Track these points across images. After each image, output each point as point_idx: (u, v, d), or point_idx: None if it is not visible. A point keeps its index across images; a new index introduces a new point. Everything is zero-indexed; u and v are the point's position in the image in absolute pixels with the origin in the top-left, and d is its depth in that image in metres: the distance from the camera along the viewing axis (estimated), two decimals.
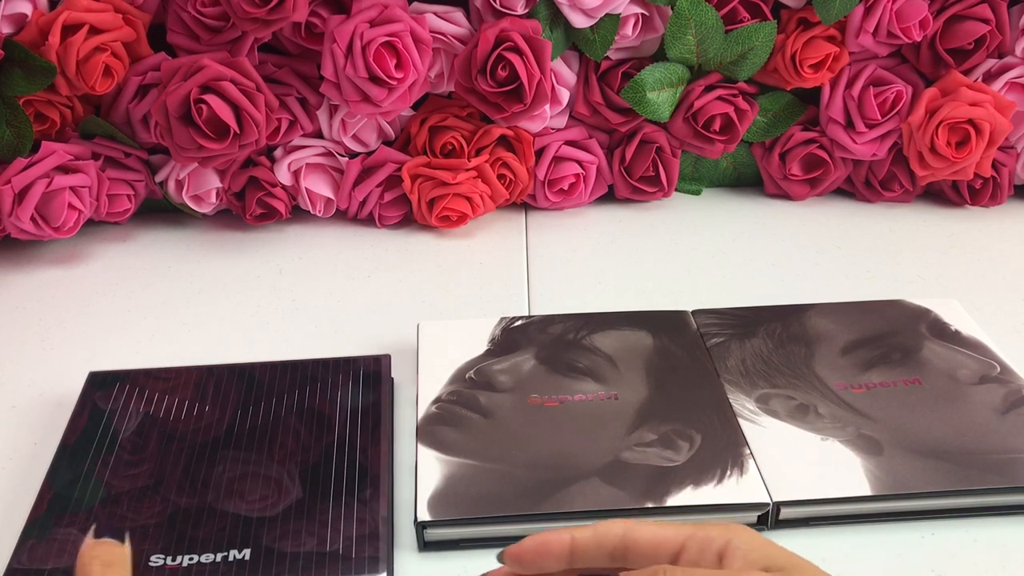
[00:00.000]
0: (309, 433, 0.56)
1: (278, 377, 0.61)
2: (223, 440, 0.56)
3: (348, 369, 0.62)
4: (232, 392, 0.60)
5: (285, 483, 0.53)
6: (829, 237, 0.86)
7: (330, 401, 0.59)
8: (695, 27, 0.81)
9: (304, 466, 0.54)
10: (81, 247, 0.85)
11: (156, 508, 0.51)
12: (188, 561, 0.48)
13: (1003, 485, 0.52)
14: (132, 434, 0.57)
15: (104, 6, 0.75)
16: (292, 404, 0.59)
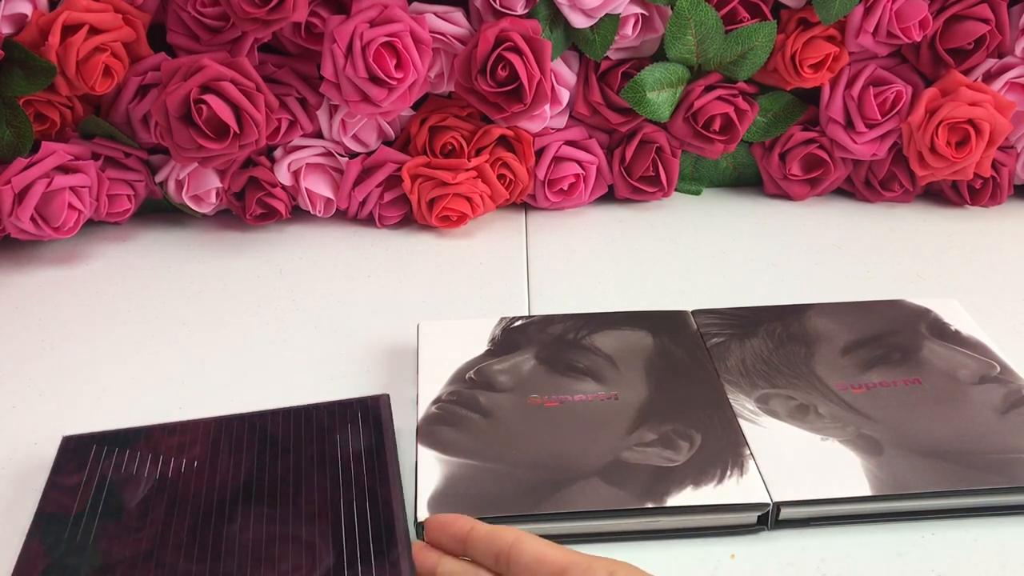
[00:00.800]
0: (323, 487, 0.52)
1: (280, 424, 0.57)
2: (229, 500, 0.52)
3: (347, 412, 0.58)
4: (235, 444, 0.56)
5: (313, 544, 0.48)
6: (829, 237, 0.86)
7: (341, 448, 0.55)
8: (695, 27, 0.81)
9: (326, 524, 0.50)
10: (81, 247, 0.85)
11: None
12: None
13: (1003, 485, 0.52)
14: (131, 501, 0.52)
15: (104, 6, 0.75)
16: (301, 455, 0.55)
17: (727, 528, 0.52)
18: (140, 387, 0.66)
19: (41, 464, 0.58)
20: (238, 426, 0.57)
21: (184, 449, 0.56)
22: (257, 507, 0.51)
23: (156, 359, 0.69)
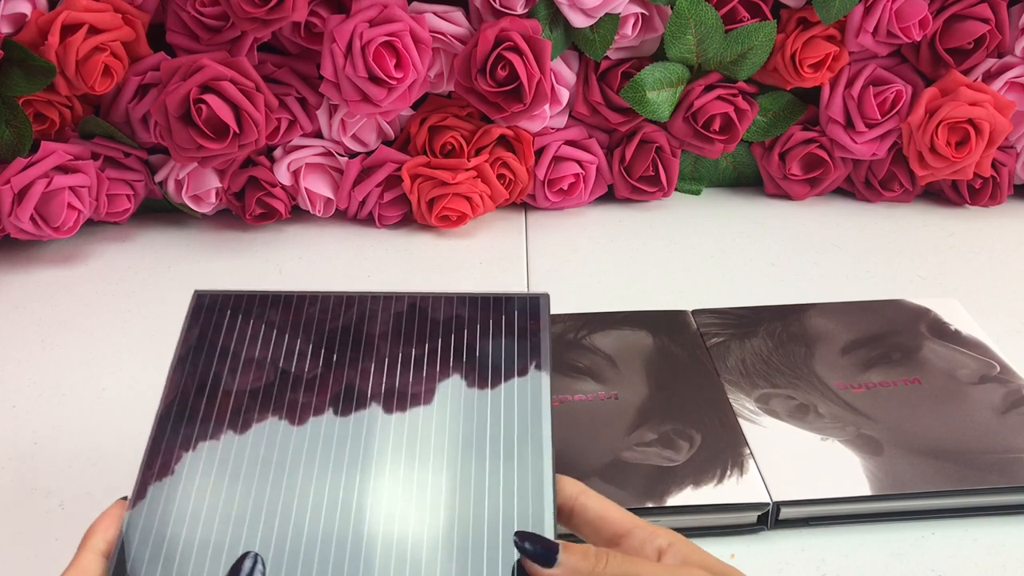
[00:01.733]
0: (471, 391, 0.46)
1: (430, 312, 0.51)
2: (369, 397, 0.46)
3: (501, 310, 0.51)
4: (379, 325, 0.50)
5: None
6: (829, 237, 0.86)
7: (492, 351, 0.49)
8: (695, 27, 0.81)
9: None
10: (81, 247, 0.85)
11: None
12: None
13: (1003, 485, 0.52)
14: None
15: (103, 6, 0.75)
16: (449, 352, 0.49)
17: (727, 528, 0.52)
18: (140, 387, 0.66)
19: (41, 464, 0.58)
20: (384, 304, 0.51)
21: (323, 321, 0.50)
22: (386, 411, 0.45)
23: (156, 359, 0.69)
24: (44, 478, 0.57)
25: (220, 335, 0.50)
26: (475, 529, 0.41)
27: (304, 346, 0.49)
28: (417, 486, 0.42)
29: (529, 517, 0.41)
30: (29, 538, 0.53)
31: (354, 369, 0.47)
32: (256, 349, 0.49)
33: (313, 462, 0.43)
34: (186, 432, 0.45)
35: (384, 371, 0.47)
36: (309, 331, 0.49)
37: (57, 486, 0.57)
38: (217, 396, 0.47)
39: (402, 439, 0.44)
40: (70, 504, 0.55)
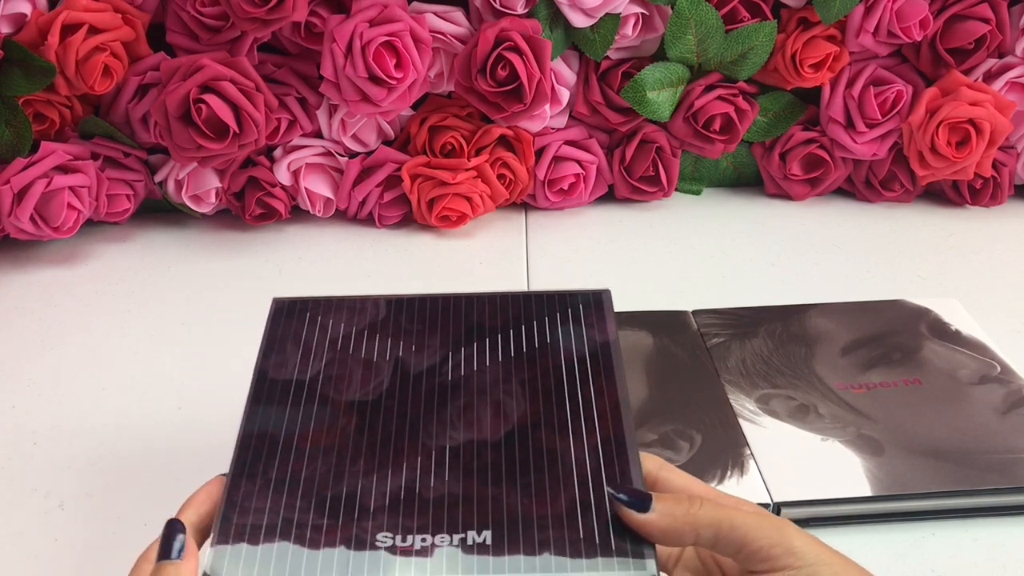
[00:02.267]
0: (536, 387, 0.47)
1: (497, 313, 0.52)
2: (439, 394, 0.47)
3: (566, 306, 0.52)
4: (439, 330, 0.51)
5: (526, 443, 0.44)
6: (829, 237, 0.86)
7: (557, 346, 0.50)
8: (695, 27, 0.81)
9: (539, 427, 0.45)
10: (80, 247, 0.85)
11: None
12: (420, 543, 0.40)
13: (1003, 485, 0.52)
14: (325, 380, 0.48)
15: (103, 6, 0.75)
16: (510, 349, 0.50)
17: None
18: (140, 387, 0.66)
19: (41, 464, 0.58)
20: (443, 305, 0.53)
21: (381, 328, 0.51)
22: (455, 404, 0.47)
23: (156, 359, 0.69)
24: (44, 478, 0.57)
25: (300, 336, 0.51)
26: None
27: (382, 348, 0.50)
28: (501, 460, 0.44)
29: (615, 461, 0.42)
30: (29, 538, 0.53)
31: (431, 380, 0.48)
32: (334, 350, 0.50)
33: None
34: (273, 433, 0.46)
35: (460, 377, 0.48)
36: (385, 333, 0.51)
37: (57, 486, 0.57)
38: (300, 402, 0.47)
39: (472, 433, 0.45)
40: (70, 504, 0.55)
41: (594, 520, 0.40)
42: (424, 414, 0.46)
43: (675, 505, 0.39)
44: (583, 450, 0.43)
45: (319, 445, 0.45)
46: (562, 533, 0.40)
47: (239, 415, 0.62)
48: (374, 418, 0.46)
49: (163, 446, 0.60)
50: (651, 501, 0.39)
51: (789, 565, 0.36)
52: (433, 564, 0.39)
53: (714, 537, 0.38)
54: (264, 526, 0.41)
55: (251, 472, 0.44)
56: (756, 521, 0.37)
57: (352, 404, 0.47)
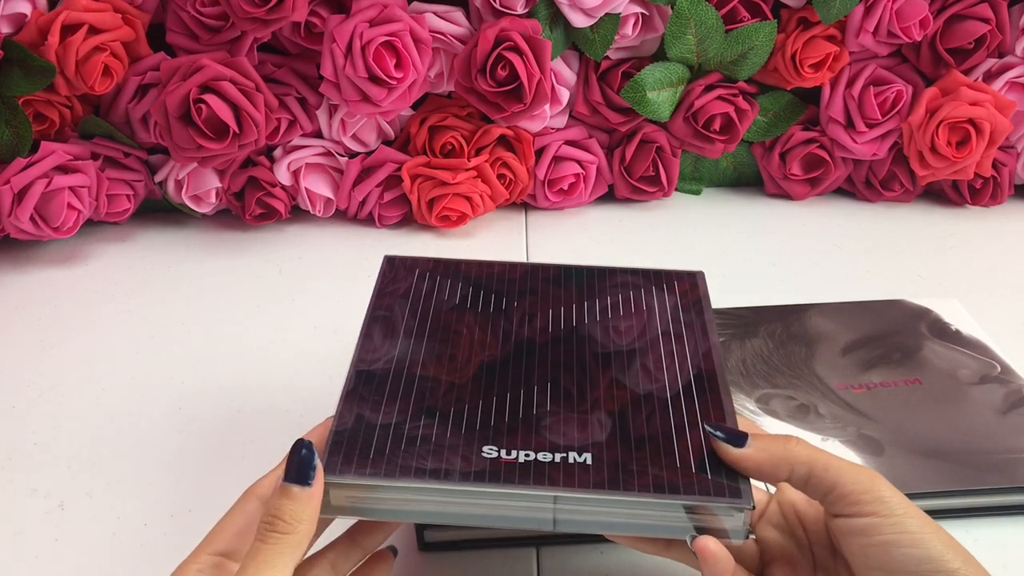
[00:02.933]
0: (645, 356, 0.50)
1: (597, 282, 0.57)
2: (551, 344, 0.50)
3: (663, 282, 0.57)
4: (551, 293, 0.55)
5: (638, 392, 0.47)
6: (829, 237, 0.86)
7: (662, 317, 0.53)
8: (695, 27, 0.81)
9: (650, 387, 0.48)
10: (80, 247, 0.85)
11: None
12: (524, 457, 0.42)
13: (1004, 485, 0.52)
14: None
15: (103, 6, 0.75)
16: (619, 308, 0.54)
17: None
18: (140, 387, 0.66)
19: (41, 464, 0.58)
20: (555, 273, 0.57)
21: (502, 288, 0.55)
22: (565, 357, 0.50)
23: (156, 359, 0.69)
24: (44, 478, 0.57)
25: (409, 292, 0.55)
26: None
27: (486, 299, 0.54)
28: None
29: (709, 402, 0.46)
30: (29, 538, 0.53)
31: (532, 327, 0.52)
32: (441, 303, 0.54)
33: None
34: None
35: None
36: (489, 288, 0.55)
37: (57, 486, 0.57)
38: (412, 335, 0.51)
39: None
40: (70, 504, 0.55)
41: (690, 453, 0.42)
42: (531, 357, 0.49)
43: (771, 442, 0.40)
44: (679, 394, 0.46)
45: (429, 372, 0.48)
46: (659, 462, 0.42)
47: (239, 415, 0.63)
48: (484, 357, 0.49)
49: (163, 446, 0.60)
50: (747, 438, 0.41)
51: (876, 512, 0.38)
52: (535, 477, 0.41)
53: (807, 475, 0.39)
54: (375, 438, 0.43)
55: (363, 393, 0.46)
56: (849, 467, 0.39)
57: (461, 343, 0.50)
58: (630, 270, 0.58)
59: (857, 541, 0.38)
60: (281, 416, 0.63)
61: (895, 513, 0.37)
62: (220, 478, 0.57)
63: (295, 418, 0.62)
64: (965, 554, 0.37)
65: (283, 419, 0.62)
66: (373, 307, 0.53)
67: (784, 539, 0.44)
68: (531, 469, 0.41)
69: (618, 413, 0.45)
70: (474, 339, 0.50)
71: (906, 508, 0.38)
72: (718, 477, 0.41)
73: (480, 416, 0.45)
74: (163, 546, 0.52)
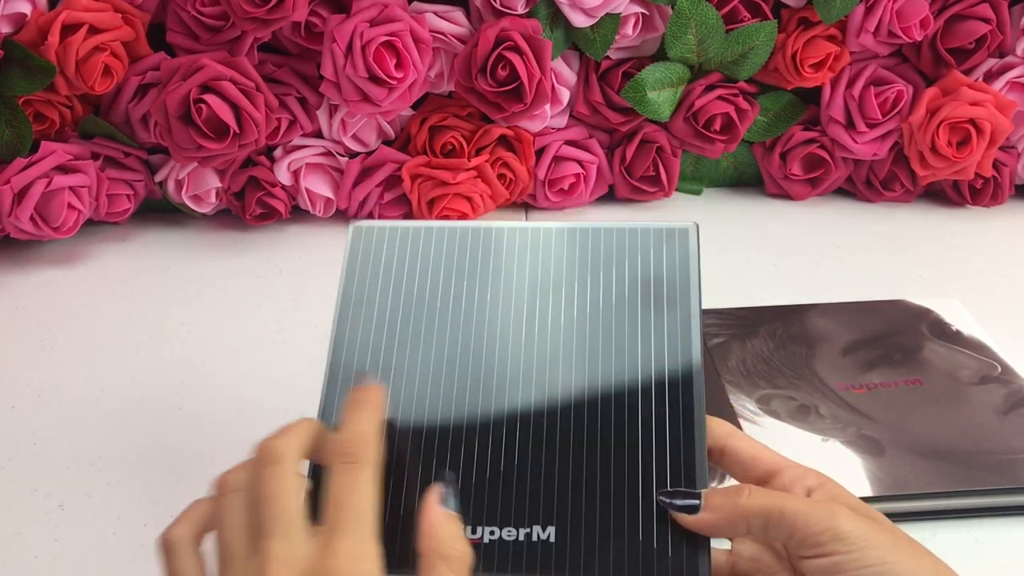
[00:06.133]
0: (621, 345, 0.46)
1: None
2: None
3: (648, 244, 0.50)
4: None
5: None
6: (830, 237, 0.86)
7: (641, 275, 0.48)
8: (695, 26, 0.81)
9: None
10: (80, 247, 0.85)
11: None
12: (489, 536, 0.41)
13: (1004, 486, 0.52)
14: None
15: (103, 6, 0.75)
16: (586, 302, 0.48)
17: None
18: (140, 387, 0.66)
19: (41, 465, 0.58)
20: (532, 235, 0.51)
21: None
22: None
23: (156, 359, 0.69)
24: (44, 479, 0.57)
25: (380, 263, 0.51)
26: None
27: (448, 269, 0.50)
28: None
29: (681, 460, 0.42)
30: (29, 538, 0.53)
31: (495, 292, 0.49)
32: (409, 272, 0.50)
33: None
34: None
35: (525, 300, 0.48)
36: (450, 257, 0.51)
37: (56, 487, 0.56)
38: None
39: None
40: (69, 505, 0.55)
41: (653, 517, 0.41)
42: (498, 373, 0.46)
43: (723, 500, 0.39)
44: (650, 436, 0.44)
45: (397, 417, 0.46)
46: (622, 531, 0.41)
47: (239, 415, 0.63)
48: (452, 389, 0.46)
49: (163, 446, 0.60)
50: (700, 502, 0.40)
51: (836, 551, 0.37)
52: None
53: (764, 526, 0.39)
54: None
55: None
56: (805, 508, 0.38)
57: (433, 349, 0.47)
58: (611, 232, 0.50)
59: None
60: (281, 416, 0.62)
61: (855, 548, 0.37)
62: None
63: (295, 418, 0.62)
64: (934, 568, 0.37)
65: (283, 419, 0.62)
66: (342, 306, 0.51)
67: (761, 552, 0.44)
68: (495, 550, 0.41)
69: (585, 462, 0.43)
70: (444, 353, 0.47)
71: (866, 539, 0.37)
72: (678, 550, 0.40)
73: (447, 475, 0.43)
74: None
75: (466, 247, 0.51)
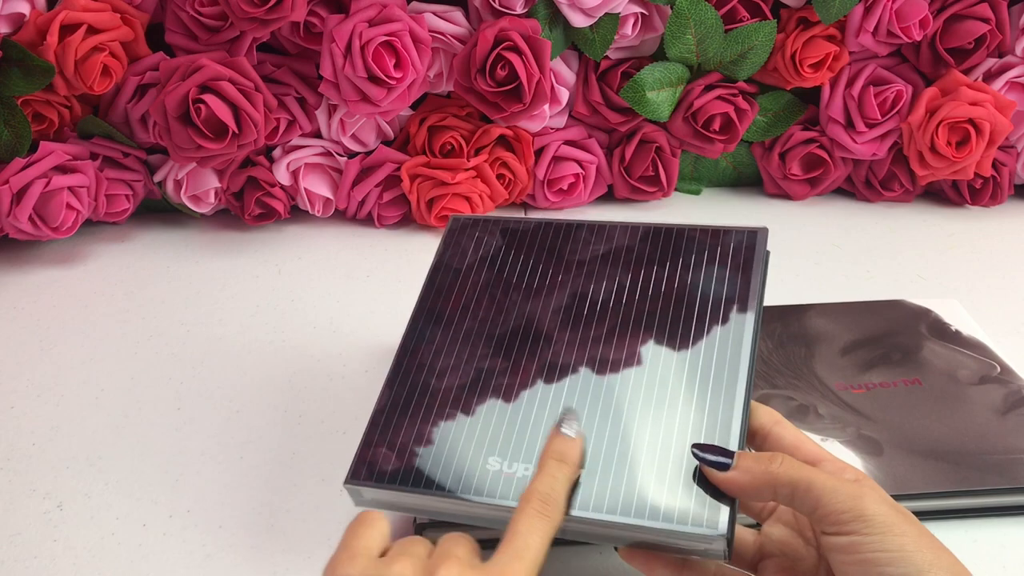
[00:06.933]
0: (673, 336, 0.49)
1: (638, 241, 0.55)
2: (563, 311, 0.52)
3: (717, 245, 0.53)
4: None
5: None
6: (829, 237, 0.85)
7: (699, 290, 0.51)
8: (695, 26, 0.81)
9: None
10: (79, 247, 0.84)
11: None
12: (523, 471, 0.45)
13: (1003, 486, 0.52)
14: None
15: (102, 6, 0.75)
16: (649, 287, 0.52)
17: None
18: (139, 387, 0.66)
19: (40, 465, 0.58)
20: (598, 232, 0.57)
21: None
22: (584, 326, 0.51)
23: (155, 359, 0.69)
24: (42, 479, 0.57)
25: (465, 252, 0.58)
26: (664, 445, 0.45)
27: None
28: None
29: (716, 433, 0.44)
30: (28, 539, 0.53)
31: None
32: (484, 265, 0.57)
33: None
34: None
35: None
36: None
37: (55, 487, 0.56)
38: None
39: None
40: (68, 505, 0.55)
41: (681, 470, 0.43)
42: (554, 345, 0.50)
43: (755, 463, 0.41)
44: (690, 405, 0.46)
45: (446, 374, 0.51)
46: (650, 478, 0.43)
47: (238, 415, 0.63)
48: (507, 353, 0.51)
49: (162, 446, 0.60)
50: (732, 461, 0.41)
51: (857, 531, 0.38)
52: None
53: (791, 495, 0.40)
54: (398, 443, 0.48)
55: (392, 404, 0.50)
56: (833, 485, 0.39)
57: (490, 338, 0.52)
58: (682, 233, 0.55)
59: (840, 558, 0.38)
60: (280, 416, 0.62)
61: (876, 532, 0.37)
62: (219, 479, 0.57)
63: (294, 418, 0.62)
64: (952, 567, 0.37)
65: (282, 419, 0.62)
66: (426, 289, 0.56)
67: (790, 536, 0.44)
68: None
69: (625, 413, 0.46)
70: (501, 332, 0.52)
71: (889, 524, 0.38)
72: (701, 500, 0.42)
73: (493, 423, 0.48)
74: (162, 547, 0.52)
75: (546, 238, 0.57)
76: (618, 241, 0.55)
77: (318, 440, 0.60)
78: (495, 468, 0.45)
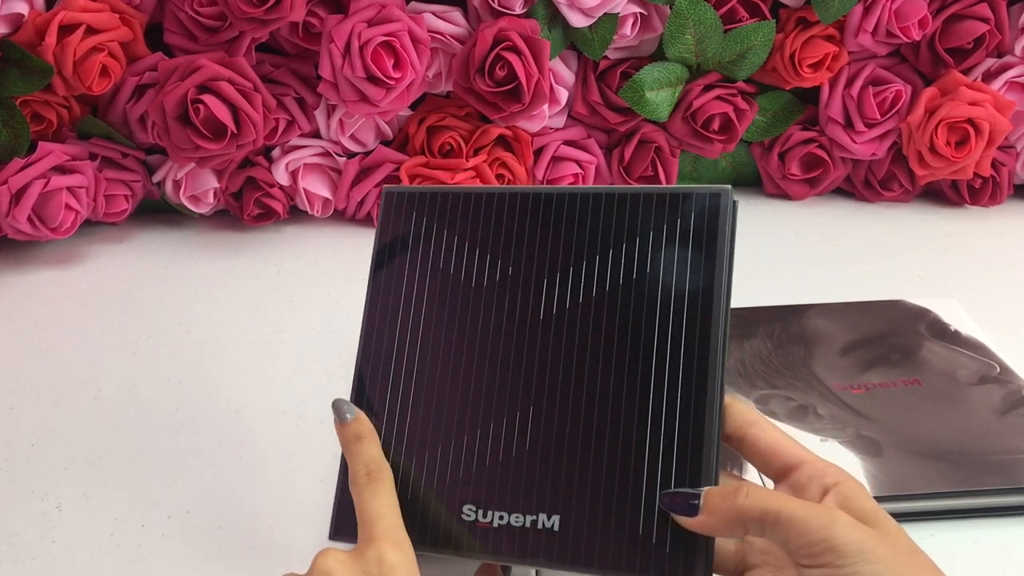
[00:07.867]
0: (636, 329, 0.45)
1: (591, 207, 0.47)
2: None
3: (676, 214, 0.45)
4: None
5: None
6: (828, 237, 0.85)
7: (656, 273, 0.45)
8: (694, 26, 0.81)
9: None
10: (78, 248, 0.84)
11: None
12: (499, 521, 0.44)
13: (1003, 486, 0.52)
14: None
15: (101, 6, 0.75)
16: (605, 281, 0.46)
17: None
18: (138, 388, 0.66)
19: (38, 465, 0.58)
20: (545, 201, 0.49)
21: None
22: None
23: (154, 360, 0.69)
24: (41, 480, 0.57)
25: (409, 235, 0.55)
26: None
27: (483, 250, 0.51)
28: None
29: (687, 471, 0.42)
30: (27, 539, 0.53)
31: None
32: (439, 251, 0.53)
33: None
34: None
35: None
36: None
37: (54, 488, 0.56)
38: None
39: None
40: (67, 506, 0.55)
41: (654, 518, 0.42)
42: (515, 361, 0.47)
43: (721, 500, 0.39)
44: (659, 440, 0.43)
45: (420, 398, 0.48)
46: (623, 527, 0.42)
47: (237, 416, 0.62)
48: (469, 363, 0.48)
49: (161, 447, 0.60)
50: (700, 502, 0.40)
51: (830, 563, 0.36)
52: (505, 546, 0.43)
53: (761, 528, 0.38)
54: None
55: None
56: (803, 513, 0.37)
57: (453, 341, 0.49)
58: (637, 199, 0.46)
59: None
60: (279, 417, 0.62)
61: (848, 562, 0.36)
62: (218, 479, 0.57)
63: (293, 419, 0.62)
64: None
65: (281, 419, 0.62)
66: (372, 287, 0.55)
67: (772, 545, 0.43)
68: (503, 535, 0.43)
69: (592, 453, 0.44)
70: (465, 333, 0.49)
71: (862, 553, 0.36)
72: (676, 549, 0.41)
73: (463, 462, 0.45)
74: (160, 547, 0.52)
75: (490, 214, 0.51)
76: (568, 214, 0.48)
77: (317, 440, 0.60)
78: (470, 519, 0.44)
